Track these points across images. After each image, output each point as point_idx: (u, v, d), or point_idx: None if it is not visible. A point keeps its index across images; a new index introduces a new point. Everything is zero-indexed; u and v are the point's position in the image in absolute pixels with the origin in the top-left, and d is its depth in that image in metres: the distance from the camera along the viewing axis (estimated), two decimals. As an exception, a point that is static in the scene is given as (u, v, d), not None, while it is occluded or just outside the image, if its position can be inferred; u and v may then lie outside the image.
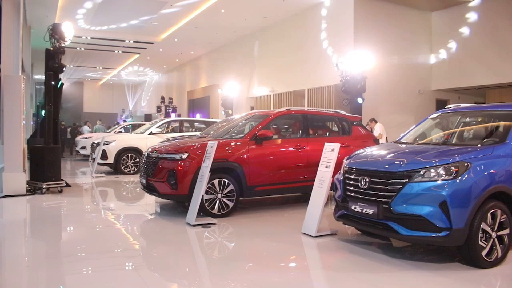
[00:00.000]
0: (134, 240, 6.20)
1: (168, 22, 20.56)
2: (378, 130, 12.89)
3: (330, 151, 6.05)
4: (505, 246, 4.79)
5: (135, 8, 18.21)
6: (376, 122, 13.19)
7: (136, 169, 13.17)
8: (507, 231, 4.77)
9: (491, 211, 4.66)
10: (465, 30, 15.73)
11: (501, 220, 4.73)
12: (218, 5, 17.36)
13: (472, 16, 15.48)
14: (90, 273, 4.61)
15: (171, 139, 10.27)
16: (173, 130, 14.77)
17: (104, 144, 13.10)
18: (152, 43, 24.54)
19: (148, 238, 6.34)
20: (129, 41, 24.21)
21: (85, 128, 24.51)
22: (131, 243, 6.04)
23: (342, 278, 4.50)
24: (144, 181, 7.66)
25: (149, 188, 7.57)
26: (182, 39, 23.44)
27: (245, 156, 7.34)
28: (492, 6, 14.80)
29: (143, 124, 17.57)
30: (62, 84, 10.27)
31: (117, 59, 30.75)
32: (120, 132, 19.35)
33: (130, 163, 13.31)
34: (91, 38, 23.03)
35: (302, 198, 8.91)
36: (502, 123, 5.68)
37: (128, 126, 20.49)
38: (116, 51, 27.31)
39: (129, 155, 13.34)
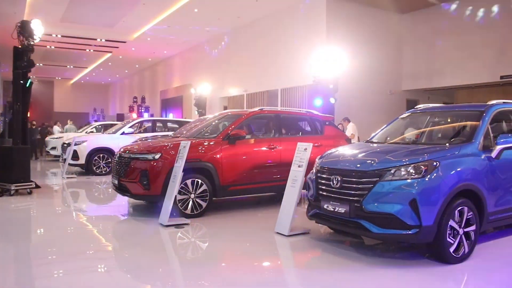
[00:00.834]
0: (106, 241, 6.13)
1: (141, 21, 20.37)
2: (350, 130, 13.04)
3: (303, 151, 6.10)
4: (472, 242, 4.93)
5: (107, 6, 17.97)
6: (349, 121, 13.33)
7: (108, 170, 12.99)
8: (473, 227, 4.92)
9: (459, 208, 4.79)
10: (434, 32, 16.07)
11: (468, 217, 4.87)
12: (191, 5, 17.29)
13: (440, 18, 15.84)
14: (61, 276, 4.54)
15: (143, 139, 10.18)
16: (146, 130, 14.63)
17: (75, 145, 12.87)
18: (125, 42, 24.28)
19: (120, 240, 6.28)
20: (101, 40, 23.88)
21: (56, 128, 24.04)
22: (103, 244, 5.97)
23: (315, 277, 4.54)
24: (116, 182, 7.58)
25: (121, 189, 7.50)
26: (155, 38, 23.25)
27: (218, 156, 7.34)
28: (460, 8, 15.16)
29: (115, 124, 17.35)
30: (31, 83, 10.04)
31: (88, 58, 30.29)
32: (92, 132, 19.05)
33: (102, 164, 13.14)
34: (62, 36, 22.63)
35: (275, 198, 8.95)
36: (469, 123, 5.83)
37: (99, 126, 20.19)
38: (87, 50, 26.90)
39: (101, 155, 13.16)
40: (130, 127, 14.25)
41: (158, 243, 6.00)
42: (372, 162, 4.98)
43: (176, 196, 6.61)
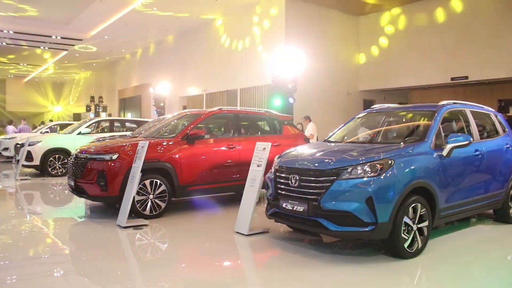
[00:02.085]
0: (62, 245, 5.98)
1: (98, 19, 19.95)
2: (310, 130, 13.20)
3: (262, 150, 6.14)
4: (425, 237, 5.12)
5: (62, 2, 17.49)
6: (310, 120, 13.47)
7: (64, 171, 12.67)
8: (426, 223, 5.10)
9: (412, 205, 4.95)
10: (389, 34, 16.49)
11: (421, 214, 5.05)
12: (150, 3, 17.07)
13: (396, 21, 16.26)
14: (15, 282, 4.39)
15: (101, 139, 10.00)
16: (103, 130, 14.35)
17: (29, 145, 12.48)
18: (81, 40, 23.70)
19: (77, 242, 6.14)
20: (56, 37, 23.22)
21: (10, 128, 23.20)
22: (59, 248, 5.82)
23: (275, 276, 4.59)
24: (72, 183, 7.41)
25: (78, 190, 7.34)
26: (112, 37, 22.85)
27: (177, 156, 7.29)
28: (414, 12, 15.62)
29: (71, 124, 16.93)
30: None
31: (43, 56, 29.41)
32: (47, 132, 18.51)
33: (57, 165, 12.80)
34: (14, 32, 21.86)
35: (235, 197, 8.97)
36: (422, 122, 6.03)
37: (55, 126, 19.64)
38: (42, 47, 26.11)
39: (57, 156, 12.82)
40: (87, 127, 13.93)
41: (116, 245, 5.90)
42: (330, 161, 5.07)
43: (134, 197, 6.53)
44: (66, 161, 12.63)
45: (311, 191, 5.00)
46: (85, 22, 20.43)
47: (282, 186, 5.40)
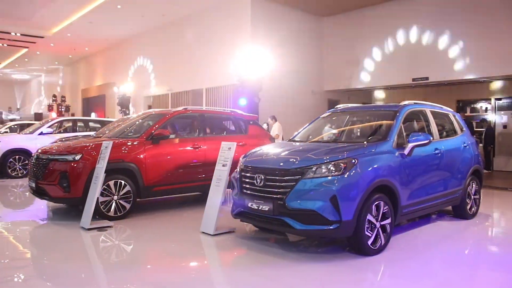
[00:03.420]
0: (24, 248, 5.83)
1: (60, 15, 19.44)
2: (276, 130, 13.25)
3: (227, 150, 6.15)
4: (388, 234, 5.24)
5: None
6: (276, 120, 13.52)
7: (24, 172, 12.34)
8: (389, 220, 5.22)
9: (375, 203, 5.06)
10: (354, 35, 16.74)
11: (384, 211, 5.16)
12: (114, 1, 16.79)
13: (360, 22, 16.52)
14: (-28, 286, 4.26)
15: (63, 139, 9.79)
16: (66, 130, 14.05)
17: (-13, 146, 12.10)
18: (42, 37, 23.06)
19: (39, 246, 5.98)
20: (16, 34, 22.52)
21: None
22: (20, 252, 5.67)
23: (241, 275, 4.61)
24: (33, 185, 7.22)
25: (40, 192, 7.16)
26: (75, 34, 22.31)
27: (141, 156, 7.21)
28: (376, 13, 15.91)
29: (33, 124, 16.50)
30: None
31: (1, 53, 28.47)
32: (6, 132, 17.96)
33: (18, 166, 12.45)
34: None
35: (201, 197, 8.93)
36: (385, 122, 6.15)
37: (15, 126, 19.08)
38: (0, 44, 25.29)
39: (17, 157, 12.47)
40: (49, 127, 13.59)
41: (80, 247, 5.78)
42: (294, 160, 5.11)
43: (98, 198, 6.44)
44: (26, 162, 12.31)
45: (276, 190, 5.04)
46: (47, 19, 19.87)
47: (248, 186, 5.42)
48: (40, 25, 20.93)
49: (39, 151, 7.48)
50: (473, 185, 7.24)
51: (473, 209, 7.24)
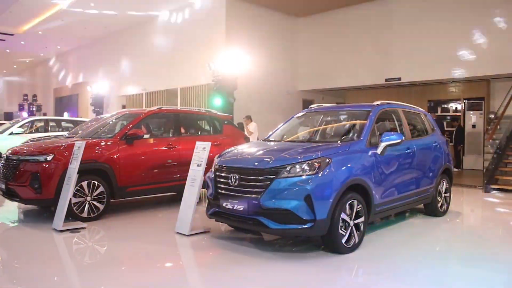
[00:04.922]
0: (-9, 251, 5.70)
1: (31, 13, 19.01)
2: (251, 129, 13.26)
3: (202, 150, 6.13)
4: (361, 233, 5.30)
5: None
6: (251, 120, 13.53)
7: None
8: (362, 219, 5.28)
9: (349, 202, 5.11)
10: (327, 36, 16.89)
11: (358, 210, 5.22)
12: (87, -1, 16.58)
13: (333, 23, 16.68)
14: None
15: (35, 139, 9.61)
16: (38, 130, 13.78)
17: (-46, 147, 11.75)
18: (12, 35, 22.52)
19: (9, 249, 5.82)
20: (-16, 31, 21.99)
21: None
22: (-12, 254, 5.54)
23: (217, 275, 4.59)
24: (3, 186, 7.05)
25: (10, 194, 7.00)
26: (47, 32, 21.85)
27: (115, 156, 7.13)
28: (350, 14, 16.09)
29: (2, 124, 16.12)
30: None
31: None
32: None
33: (-14, 167, 12.13)
34: None
35: (175, 198, 8.88)
36: (358, 122, 6.22)
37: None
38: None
39: (-15, 158, 12.16)
40: (19, 126, 13.33)
41: (52, 250, 5.68)
42: (269, 160, 5.13)
43: (71, 199, 6.33)
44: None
45: (251, 190, 5.04)
46: (17, 16, 19.42)
47: (222, 186, 5.41)
48: (10, 22, 20.43)
49: (9, 151, 7.31)
50: (444, 183, 7.41)
51: (444, 206, 7.40)
